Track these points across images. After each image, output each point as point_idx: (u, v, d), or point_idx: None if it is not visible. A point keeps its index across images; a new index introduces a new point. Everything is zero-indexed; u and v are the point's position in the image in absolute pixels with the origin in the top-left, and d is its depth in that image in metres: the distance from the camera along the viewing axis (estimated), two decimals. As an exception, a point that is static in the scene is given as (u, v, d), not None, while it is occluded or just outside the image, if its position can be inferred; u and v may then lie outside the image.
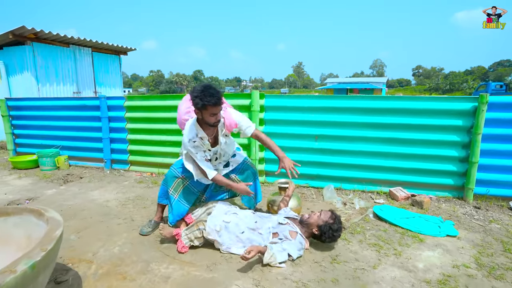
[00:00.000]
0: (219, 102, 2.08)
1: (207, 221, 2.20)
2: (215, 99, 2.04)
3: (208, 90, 2.04)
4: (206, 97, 2.03)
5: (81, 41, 7.23)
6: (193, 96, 2.07)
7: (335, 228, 2.14)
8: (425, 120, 3.21)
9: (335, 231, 2.14)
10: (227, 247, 2.16)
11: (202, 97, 2.03)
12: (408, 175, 3.37)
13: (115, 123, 4.50)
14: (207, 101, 2.03)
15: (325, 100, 3.50)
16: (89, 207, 3.11)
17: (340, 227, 2.17)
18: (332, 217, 2.19)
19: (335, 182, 3.59)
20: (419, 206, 3.03)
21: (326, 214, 2.21)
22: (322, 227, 2.14)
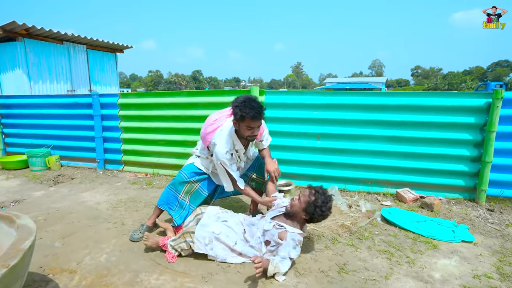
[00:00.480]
0: (259, 116, 1.99)
1: (195, 233, 1.98)
2: (254, 112, 1.96)
3: (249, 102, 1.97)
4: (246, 108, 1.96)
5: (75, 37, 7.03)
6: (234, 105, 2.01)
7: (319, 204, 1.91)
8: (435, 118, 3.03)
9: (322, 206, 1.91)
10: (222, 258, 1.96)
11: (242, 107, 1.96)
12: (416, 176, 3.19)
13: (109, 121, 4.31)
14: (245, 112, 1.96)
15: (328, 97, 3.32)
16: (78, 210, 2.91)
17: (326, 199, 1.94)
18: (312, 193, 1.96)
19: (339, 183, 3.40)
20: (429, 209, 2.85)
21: (305, 195, 1.98)
22: (307, 209, 1.94)
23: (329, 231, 2.44)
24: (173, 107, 3.91)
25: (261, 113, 2.01)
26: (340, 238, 2.31)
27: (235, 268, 1.90)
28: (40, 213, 2.83)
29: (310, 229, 2.45)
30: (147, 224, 2.39)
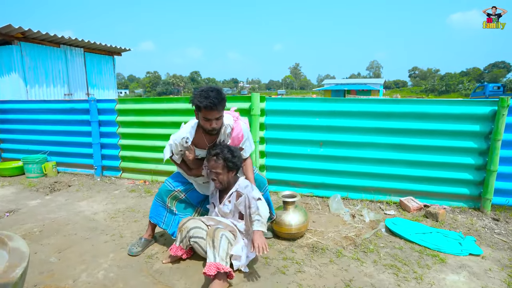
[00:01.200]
0: (214, 107, 1.87)
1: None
2: (208, 101, 1.85)
3: (207, 92, 1.88)
4: (201, 97, 1.87)
5: (72, 41, 6.94)
6: (193, 94, 1.94)
7: (229, 156, 1.98)
8: (439, 125, 2.98)
9: (232, 155, 2.00)
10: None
11: (198, 96, 1.88)
12: (420, 184, 3.14)
13: (106, 127, 4.24)
14: (199, 101, 1.87)
15: (331, 104, 3.26)
16: (75, 221, 2.84)
17: (228, 151, 2.00)
18: (217, 158, 2.00)
19: (342, 191, 3.35)
20: (433, 219, 2.80)
21: (215, 165, 2.00)
22: (229, 167, 2.01)
23: (333, 243, 2.38)
24: (172, 113, 3.84)
25: (216, 104, 1.86)
26: (345, 251, 2.25)
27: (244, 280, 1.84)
28: (35, 225, 2.76)
29: (313, 242, 2.39)
30: (145, 237, 2.31)
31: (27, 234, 2.56)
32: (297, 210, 2.46)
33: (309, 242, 2.40)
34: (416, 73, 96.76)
